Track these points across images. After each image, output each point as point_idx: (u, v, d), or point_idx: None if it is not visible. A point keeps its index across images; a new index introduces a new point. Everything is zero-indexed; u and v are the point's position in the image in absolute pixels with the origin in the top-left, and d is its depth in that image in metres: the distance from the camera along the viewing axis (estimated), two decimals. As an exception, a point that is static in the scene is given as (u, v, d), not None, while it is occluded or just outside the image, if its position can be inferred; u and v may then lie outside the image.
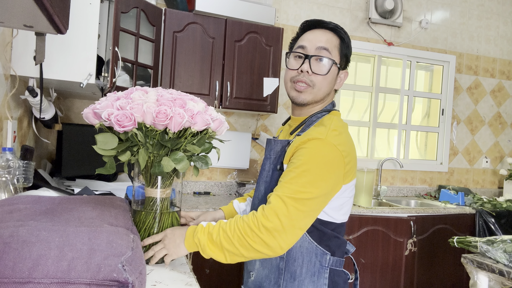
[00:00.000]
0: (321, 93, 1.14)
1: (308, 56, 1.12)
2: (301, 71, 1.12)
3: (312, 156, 1.01)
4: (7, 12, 0.68)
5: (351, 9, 3.34)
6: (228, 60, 2.60)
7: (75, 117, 2.64)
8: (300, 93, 1.13)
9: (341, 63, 1.16)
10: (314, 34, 1.15)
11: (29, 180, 1.39)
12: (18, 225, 0.71)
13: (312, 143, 1.02)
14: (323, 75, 1.11)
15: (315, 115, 1.15)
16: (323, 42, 1.12)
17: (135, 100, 0.91)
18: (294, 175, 1.00)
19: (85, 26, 1.59)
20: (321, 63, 1.12)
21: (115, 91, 1.00)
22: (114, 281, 0.58)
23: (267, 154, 1.19)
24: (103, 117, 0.89)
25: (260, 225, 0.95)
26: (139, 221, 1.03)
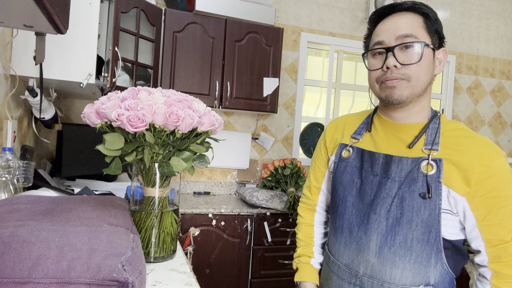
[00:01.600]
0: (421, 84, 0.92)
1: (390, 48, 0.91)
2: (387, 68, 0.92)
3: (509, 178, 0.87)
4: (7, 12, 0.68)
5: (351, 9, 3.34)
6: (228, 60, 2.60)
7: (75, 117, 2.64)
8: (394, 89, 0.92)
9: (433, 42, 0.93)
10: (389, 22, 0.94)
11: (29, 180, 1.39)
12: (18, 225, 0.71)
13: (499, 163, 0.87)
14: (416, 62, 0.90)
15: (433, 121, 0.96)
16: (403, 29, 0.91)
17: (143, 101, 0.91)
18: (510, 210, 0.86)
19: (85, 26, 1.59)
20: (409, 50, 0.91)
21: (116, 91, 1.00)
22: (114, 281, 0.58)
23: (394, 176, 0.94)
24: (112, 117, 0.89)
25: None
26: (139, 220, 1.03)
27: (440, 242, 0.90)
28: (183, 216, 2.27)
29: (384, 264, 0.93)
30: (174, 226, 1.08)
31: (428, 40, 0.92)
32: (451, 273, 0.94)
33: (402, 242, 0.91)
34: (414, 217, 0.90)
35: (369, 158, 1.00)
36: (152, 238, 1.03)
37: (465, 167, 0.87)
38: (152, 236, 1.03)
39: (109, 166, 0.98)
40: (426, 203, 0.89)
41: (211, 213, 2.34)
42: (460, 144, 0.91)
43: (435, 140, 0.93)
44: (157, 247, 1.03)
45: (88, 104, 1.01)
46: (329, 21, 3.27)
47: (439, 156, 0.90)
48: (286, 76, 3.17)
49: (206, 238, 2.34)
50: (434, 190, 0.88)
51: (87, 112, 0.97)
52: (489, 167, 0.86)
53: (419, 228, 0.90)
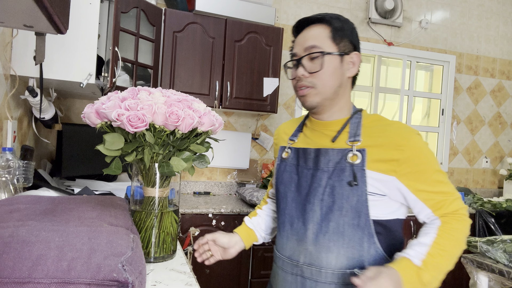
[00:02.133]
0: (329, 88, 1.03)
1: (298, 59, 1.05)
2: (299, 77, 1.05)
3: (428, 152, 1.00)
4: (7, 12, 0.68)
5: (351, 9, 3.34)
6: (228, 60, 2.60)
7: (75, 117, 2.64)
8: (305, 96, 1.05)
9: (340, 49, 1.04)
10: (301, 35, 1.07)
11: (29, 180, 1.39)
12: (18, 225, 0.71)
13: (413, 139, 0.98)
14: (318, 71, 1.02)
15: (354, 116, 1.07)
16: (309, 41, 1.04)
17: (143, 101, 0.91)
18: (438, 177, 0.99)
19: (85, 26, 1.59)
20: (315, 60, 1.03)
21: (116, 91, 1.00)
22: (114, 281, 0.58)
23: (323, 167, 1.03)
24: (112, 117, 0.89)
25: (468, 224, 0.99)
26: (139, 220, 1.03)
27: (371, 226, 0.99)
28: (183, 216, 2.27)
29: (320, 251, 1.01)
30: (174, 226, 1.08)
31: (333, 49, 1.03)
32: (385, 257, 1.01)
33: (335, 228, 0.99)
34: (344, 204, 0.99)
35: (303, 155, 1.10)
36: (152, 238, 1.02)
37: (387, 150, 0.98)
38: (152, 236, 1.03)
39: (109, 166, 0.98)
40: (354, 190, 0.98)
41: (211, 213, 2.34)
42: (379, 131, 1.02)
43: (357, 133, 1.03)
44: (157, 247, 1.03)
45: (88, 104, 1.00)
46: (329, 21, 3.27)
47: (362, 146, 1.01)
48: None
49: (206, 238, 2.34)
50: (360, 178, 0.98)
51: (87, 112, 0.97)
52: (406, 146, 0.97)
53: (349, 214, 0.99)
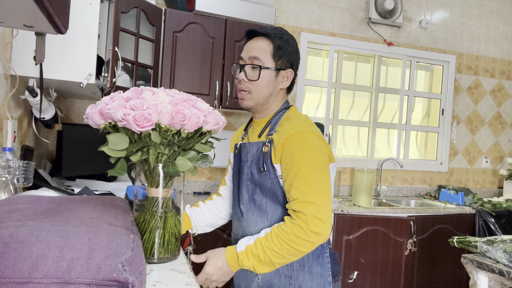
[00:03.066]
0: (261, 96, 1.23)
1: (242, 65, 1.23)
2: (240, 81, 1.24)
3: (303, 150, 1.12)
4: (7, 12, 0.68)
5: (351, 9, 3.34)
6: (228, 60, 2.60)
7: (75, 117, 2.64)
8: (242, 100, 1.24)
9: (278, 65, 1.22)
10: (249, 44, 1.25)
11: (29, 180, 1.39)
12: (18, 225, 0.71)
13: (297, 136, 1.13)
14: (255, 80, 1.21)
15: (277, 114, 1.26)
16: (254, 51, 1.22)
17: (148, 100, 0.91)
18: (301, 175, 1.10)
19: (85, 26, 1.59)
20: (254, 70, 1.22)
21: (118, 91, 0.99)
22: (114, 281, 0.58)
23: (244, 158, 1.26)
24: (118, 117, 0.89)
25: (308, 232, 1.06)
26: (143, 221, 1.03)
27: (281, 202, 1.18)
28: (183, 216, 2.28)
29: (250, 225, 1.22)
30: (178, 226, 1.08)
31: (271, 64, 1.21)
32: None
33: (259, 206, 1.20)
34: (262, 186, 1.19)
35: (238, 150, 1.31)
36: (156, 238, 1.02)
37: (276, 142, 1.16)
38: (156, 237, 1.02)
39: (114, 167, 0.98)
40: (265, 174, 1.17)
41: (211, 213, 2.34)
42: (281, 126, 1.20)
43: (273, 128, 1.21)
44: (161, 248, 1.02)
45: (91, 105, 1.00)
46: (329, 21, 3.27)
47: (272, 138, 1.19)
48: (286, 76, 3.17)
49: (206, 238, 2.34)
50: (269, 164, 1.17)
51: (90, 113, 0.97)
52: (287, 139, 1.13)
53: (268, 194, 1.18)
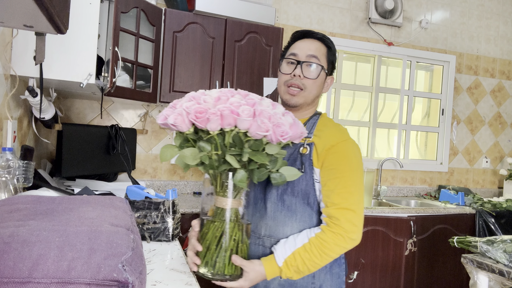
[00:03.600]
0: (312, 95, 1.26)
1: (300, 62, 1.23)
2: (294, 75, 1.23)
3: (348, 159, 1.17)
4: (7, 12, 0.68)
5: (351, 9, 3.34)
6: (228, 60, 2.60)
7: (75, 117, 2.64)
8: (293, 96, 1.24)
9: (328, 69, 1.28)
10: (304, 43, 1.27)
11: (29, 180, 1.38)
12: (18, 225, 0.71)
13: (342, 145, 1.18)
14: (314, 79, 1.23)
15: (312, 118, 1.29)
16: (313, 50, 1.24)
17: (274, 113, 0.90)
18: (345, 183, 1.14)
19: (85, 26, 1.59)
20: (311, 68, 1.24)
21: (202, 91, 0.96)
22: (114, 281, 0.58)
23: None
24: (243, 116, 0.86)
25: (347, 239, 1.11)
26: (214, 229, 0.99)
27: (316, 206, 1.19)
28: (183, 216, 2.27)
29: (277, 225, 1.19)
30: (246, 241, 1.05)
31: (325, 66, 1.26)
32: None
33: (289, 206, 1.18)
34: (295, 187, 1.18)
35: None
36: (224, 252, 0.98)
37: (318, 146, 1.18)
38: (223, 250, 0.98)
39: (234, 178, 0.94)
40: (302, 176, 1.17)
41: (211, 213, 2.34)
42: (321, 131, 1.23)
43: (311, 131, 1.23)
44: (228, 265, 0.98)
45: (169, 106, 0.95)
46: (329, 21, 3.27)
47: (311, 141, 1.21)
48: (286, 76, 3.16)
49: (206, 238, 2.34)
50: (308, 166, 1.18)
51: (175, 117, 0.89)
52: (333, 146, 1.17)
53: (300, 195, 1.18)
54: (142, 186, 1.49)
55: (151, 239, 1.34)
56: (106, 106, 2.72)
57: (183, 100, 0.94)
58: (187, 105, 0.89)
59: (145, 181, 2.81)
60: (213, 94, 0.93)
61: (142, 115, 2.80)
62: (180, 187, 2.90)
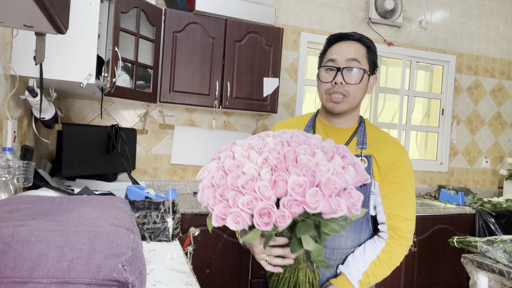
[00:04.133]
0: (356, 100, 1.21)
1: (340, 68, 1.17)
2: (335, 83, 1.17)
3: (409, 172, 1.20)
4: (7, 12, 0.68)
5: (351, 9, 3.34)
6: (228, 60, 2.60)
7: (75, 117, 2.64)
8: (338, 103, 1.19)
9: (370, 69, 1.22)
10: (342, 46, 1.19)
11: (29, 180, 1.39)
12: (18, 225, 0.71)
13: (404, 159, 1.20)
14: (357, 84, 1.17)
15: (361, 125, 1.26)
16: (352, 54, 1.17)
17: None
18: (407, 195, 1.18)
19: (85, 26, 1.59)
20: (353, 73, 1.17)
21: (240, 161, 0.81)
22: (114, 281, 0.58)
23: None
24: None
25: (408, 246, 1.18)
26: (285, 281, 0.94)
27: (369, 215, 1.21)
28: (183, 216, 2.28)
29: (333, 236, 1.18)
30: (317, 271, 1.00)
31: (367, 67, 1.20)
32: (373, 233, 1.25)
33: None
34: None
35: None
36: None
37: (380, 161, 1.18)
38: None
39: (312, 257, 0.86)
40: (361, 188, 1.16)
41: (211, 213, 2.34)
42: (378, 144, 1.22)
43: (363, 141, 1.22)
44: None
45: (216, 196, 0.79)
46: (329, 21, 3.27)
47: (368, 153, 1.20)
48: (286, 76, 3.17)
49: (206, 238, 2.34)
50: None
51: (232, 219, 0.76)
52: (395, 161, 1.18)
53: None
54: (142, 186, 1.49)
55: (151, 239, 1.34)
56: (106, 106, 2.72)
57: (228, 183, 0.78)
58: (244, 201, 0.75)
59: (145, 181, 2.81)
60: (264, 176, 0.77)
61: (142, 115, 2.80)
62: (180, 187, 2.90)
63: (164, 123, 2.85)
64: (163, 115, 2.85)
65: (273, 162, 0.78)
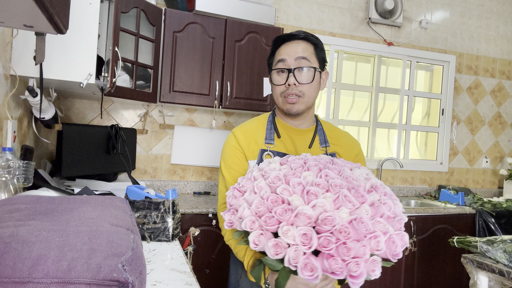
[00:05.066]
0: (311, 99, 1.24)
1: (291, 69, 1.18)
2: (289, 85, 1.19)
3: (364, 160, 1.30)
4: (7, 12, 0.68)
5: (351, 9, 3.34)
6: (228, 60, 2.60)
7: (75, 117, 2.64)
8: (293, 104, 1.21)
9: (320, 66, 1.24)
10: (290, 46, 1.21)
11: (29, 180, 1.38)
12: (18, 225, 0.71)
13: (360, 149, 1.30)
14: (310, 83, 1.20)
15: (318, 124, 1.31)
16: (300, 52, 1.19)
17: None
18: None
19: (85, 26, 1.59)
20: (304, 73, 1.19)
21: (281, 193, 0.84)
22: (114, 281, 0.58)
23: None
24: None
25: None
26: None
27: None
28: (183, 216, 2.28)
29: None
30: None
31: (317, 65, 1.22)
32: None
33: None
34: None
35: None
36: None
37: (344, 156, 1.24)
38: None
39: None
40: None
41: (211, 213, 2.34)
42: (336, 139, 1.28)
43: (325, 139, 1.26)
44: None
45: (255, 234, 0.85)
46: (329, 21, 3.27)
47: (332, 151, 1.25)
48: (286, 76, 3.16)
49: (206, 238, 2.34)
50: None
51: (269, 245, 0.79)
52: (357, 155, 1.28)
53: None
54: (142, 186, 1.49)
55: (151, 239, 1.34)
56: (106, 106, 2.72)
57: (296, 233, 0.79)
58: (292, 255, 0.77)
59: (145, 181, 2.81)
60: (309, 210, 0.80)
61: (142, 115, 2.80)
62: (180, 187, 2.90)
63: (164, 123, 2.86)
64: (163, 115, 2.85)
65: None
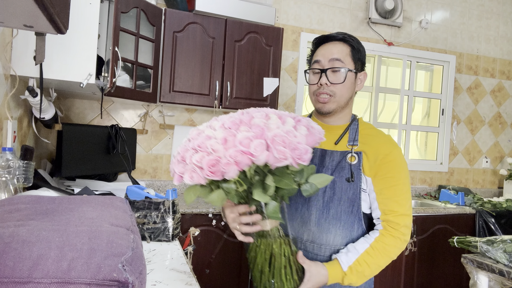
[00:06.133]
0: (344, 99, 1.25)
1: (324, 69, 1.22)
2: (321, 84, 1.23)
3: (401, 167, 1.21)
4: (7, 12, 0.68)
5: (351, 9, 3.34)
6: (228, 60, 2.60)
7: (75, 117, 2.64)
8: (324, 104, 1.24)
9: (356, 67, 1.25)
10: (326, 48, 1.25)
11: (29, 180, 1.38)
12: (18, 225, 0.71)
13: (395, 153, 1.21)
14: (341, 83, 1.22)
15: (353, 123, 1.29)
16: (335, 54, 1.22)
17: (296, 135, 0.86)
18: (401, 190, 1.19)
19: (85, 26, 1.59)
20: (337, 73, 1.22)
21: (203, 129, 0.90)
22: (114, 281, 0.58)
23: (328, 165, 1.24)
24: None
25: (404, 241, 1.18)
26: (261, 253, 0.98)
27: (361, 213, 1.20)
28: (183, 216, 2.28)
29: (321, 232, 1.21)
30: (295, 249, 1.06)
31: (352, 66, 1.23)
32: (366, 231, 1.24)
33: (334, 214, 1.20)
34: (342, 195, 1.20)
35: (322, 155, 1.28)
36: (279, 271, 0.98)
37: (370, 155, 1.20)
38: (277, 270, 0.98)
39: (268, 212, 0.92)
40: (351, 185, 1.20)
41: (211, 213, 2.34)
42: (369, 140, 1.24)
43: (355, 138, 1.25)
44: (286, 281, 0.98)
45: (177, 160, 0.88)
46: (329, 21, 3.27)
47: (359, 149, 1.22)
48: (286, 76, 3.17)
49: (206, 238, 2.34)
50: (356, 176, 1.19)
51: (189, 175, 0.84)
52: (387, 155, 1.19)
53: (346, 203, 1.20)
54: (142, 186, 1.49)
55: (151, 239, 1.34)
56: (106, 106, 2.72)
57: (189, 147, 0.86)
58: (197, 158, 0.82)
59: (145, 181, 2.81)
60: (218, 134, 0.85)
61: (142, 115, 2.80)
62: (180, 187, 2.90)
63: (164, 123, 2.85)
64: (163, 115, 2.85)
65: (228, 125, 0.87)
